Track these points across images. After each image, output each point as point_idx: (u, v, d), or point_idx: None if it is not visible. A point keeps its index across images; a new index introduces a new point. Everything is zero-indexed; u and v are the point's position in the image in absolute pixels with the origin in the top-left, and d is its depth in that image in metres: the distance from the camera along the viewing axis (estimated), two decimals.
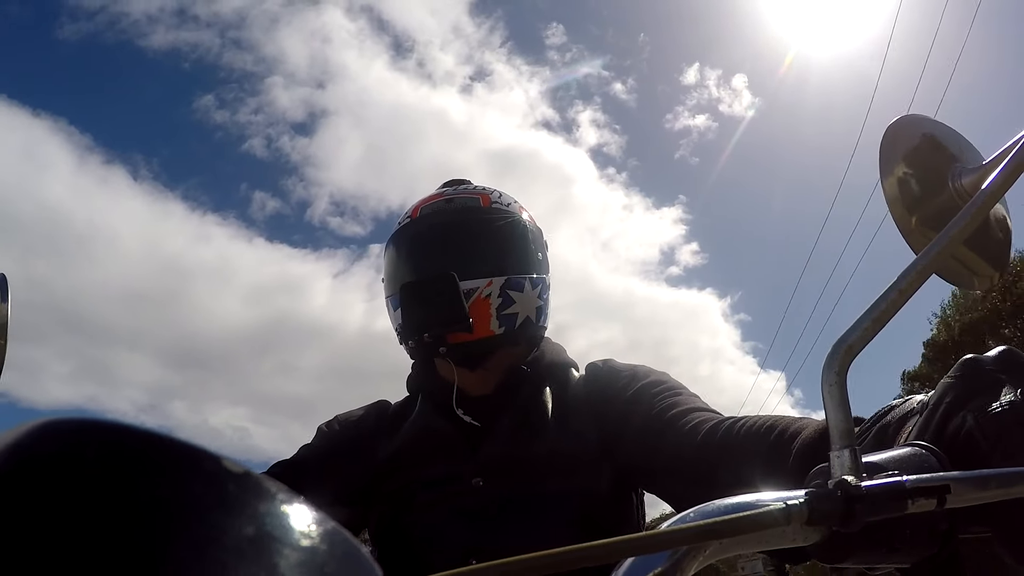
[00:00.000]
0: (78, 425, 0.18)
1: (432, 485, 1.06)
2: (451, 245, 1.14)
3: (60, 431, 0.18)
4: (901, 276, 0.44)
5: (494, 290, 1.10)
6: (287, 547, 0.17)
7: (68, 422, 0.18)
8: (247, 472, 0.18)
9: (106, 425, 0.18)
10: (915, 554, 0.43)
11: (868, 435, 0.54)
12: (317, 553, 0.17)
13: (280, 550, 0.17)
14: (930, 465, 0.44)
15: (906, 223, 0.55)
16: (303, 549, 0.17)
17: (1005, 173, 0.45)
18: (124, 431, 0.18)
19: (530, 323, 1.15)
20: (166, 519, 0.16)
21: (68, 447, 0.17)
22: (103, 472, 0.17)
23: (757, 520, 0.36)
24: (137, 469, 0.17)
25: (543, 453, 1.05)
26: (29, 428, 0.17)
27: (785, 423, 0.76)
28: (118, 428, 0.18)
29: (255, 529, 0.17)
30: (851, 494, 0.39)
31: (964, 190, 0.55)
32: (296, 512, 0.18)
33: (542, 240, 1.24)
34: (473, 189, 1.22)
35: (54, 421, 0.18)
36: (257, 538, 0.17)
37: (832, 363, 0.44)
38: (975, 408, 0.46)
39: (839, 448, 0.42)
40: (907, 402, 0.54)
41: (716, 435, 0.86)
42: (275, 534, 0.17)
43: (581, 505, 1.02)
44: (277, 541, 0.17)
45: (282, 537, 0.17)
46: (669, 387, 1.04)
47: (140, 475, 0.17)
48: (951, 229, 0.45)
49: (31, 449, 0.17)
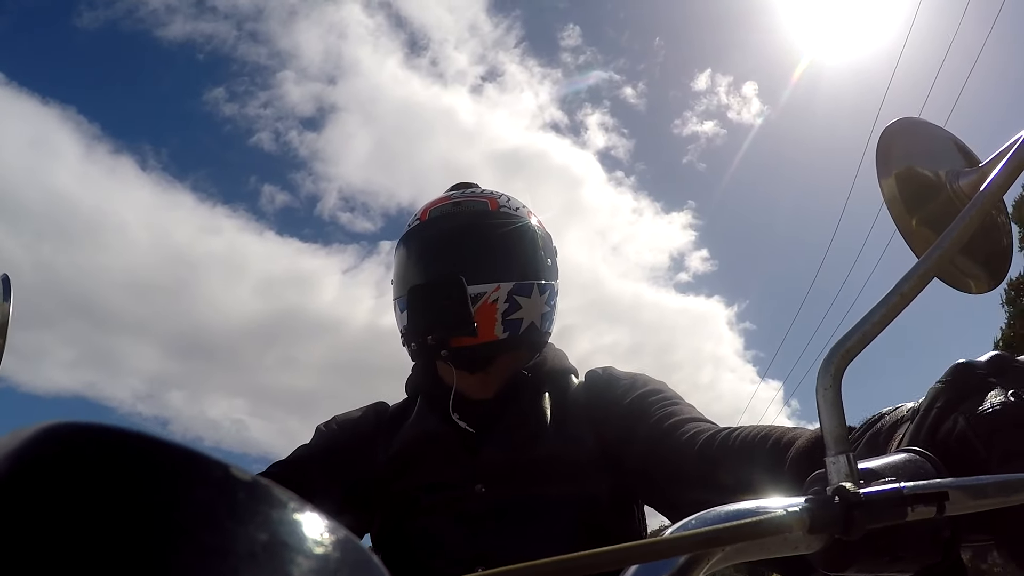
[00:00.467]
0: (82, 429, 0.17)
1: (433, 490, 1.06)
2: (459, 249, 1.14)
3: (63, 435, 0.17)
4: (903, 280, 0.44)
5: (501, 295, 1.10)
6: (300, 555, 0.16)
7: (71, 426, 0.17)
8: (256, 479, 0.18)
9: (110, 430, 0.18)
10: (918, 562, 0.42)
11: (859, 443, 0.53)
12: (330, 561, 0.17)
13: (293, 558, 0.16)
14: (925, 471, 0.44)
15: (906, 225, 0.55)
16: (316, 557, 0.17)
17: (1003, 174, 0.45)
18: (128, 436, 0.18)
19: (534, 329, 1.15)
20: (176, 526, 0.16)
21: (71, 452, 0.17)
22: (109, 478, 0.16)
23: (759, 527, 0.36)
24: (143, 475, 0.17)
25: (543, 459, 1.05)
26: (32, 432, 0.17)
27: (780, 432, 0.76)
28: (122, 433, 0.18)
29: (267, 537, 0.16)
30: (850, 501, 0.38)
31: (962, 192, 0.55)
32: (308, 520, 0.18)
33: (551, 245, 1.24)
34: (481, 193, 1.22)
35: (57, 425, 0.17)
36: (269, 546, 0.16)
37: (828, 367, 0.43)
38: (966, 410, 0.46)
39: (834, 454, 0.41)
40: (897, 409, 0.54)
41: (713, 445, 0.86)
42: (288, 541, 0.17)
43: (582, 511, 1.02)
44: (290, 549, 0.16)
45: (294, 545, 0.17)
46: (667, 397, 1.05)
47: (146, 481, 0.16)
48: (951, 232, 0.44)
49: (34, 454, 0.16)
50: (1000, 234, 0.58)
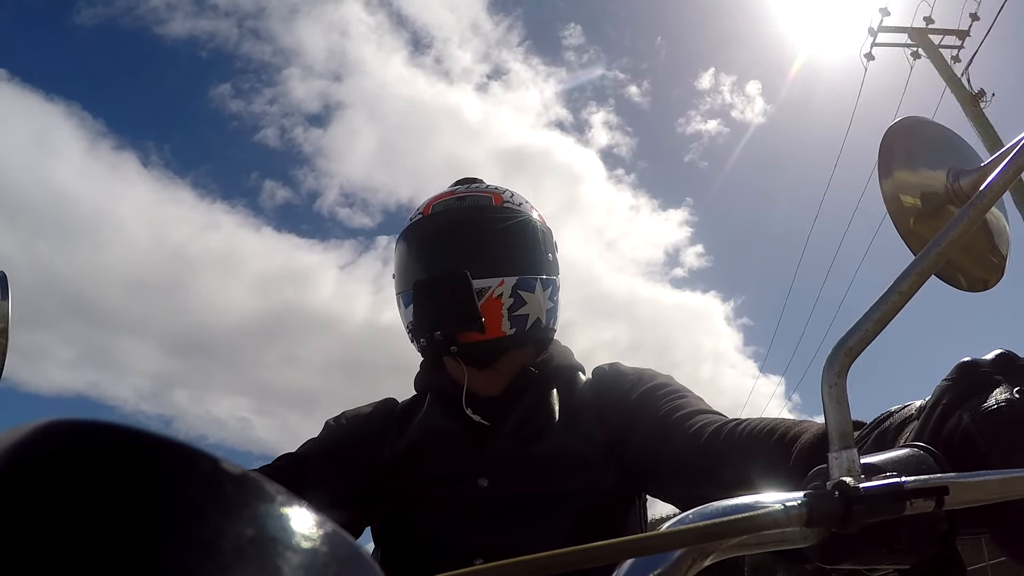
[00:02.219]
0: (76, 426, 0.18)
1: (437, 484, 1.06)
2: (463, 243, 1.14)
3: (58, 432, 0.17)
4: (900, 278, 0.44)
5: (505, 290, 1.10)
6: (289, 549, 0.17)
7: (65, 423, 0.18)
8: (245, 473, 0.18)
9: (103, 426, 0.18)
10: (915, 555, 0.43)
11: (867, 440, 0.54)
12: (319, 555, 0.17)
13: (282, 552, 0.16)
14: (928, 466, 0.44)
15: (905, 224, 0.55)
16: (305, 551, 0.17)
17: (1004, 175, 0.45)
18: (121, 432, 0.18)
19: (540, 325, 1.15)
20: (165, 520, 0.16)
21: (65, 448, 0.17)
22: (101, 473, 0.16)
23: (756, 521, 0.36)
24: (134, 470, 0.17)
25: (548, 454, 1.05)
26: (27, 429, 0.17)
27: (786, 425, 0.76)
28: (115, 429, 0.18)
29: (256, 531, 0.16)
30: (849, 495, 0.39)
31: (962, 191, 0.55)
32: (297, 514, 0.18)
33: (552, 241, 1.24)
34: (485, 188, 1.22)
35: (52, 422, 0.18)
36: (258, 540, 0.16)
37: (832, 364, 0.44)
38: (971, 407, 0.47)
39: (838, 449, 0.42)
40: (906, 407, 0.54)
41: (719, 437, 0.86)
42: (276, 536, 0.17)
43: (585, 506, 1.03)
44: (278, 543, 0.17)
45: (283, 539, 0.17)
46: (674, 390, 1.05)
47: (137, 476, 0.17)
48: (949, 230, 0.45)
49: (29, 450, 0.16)
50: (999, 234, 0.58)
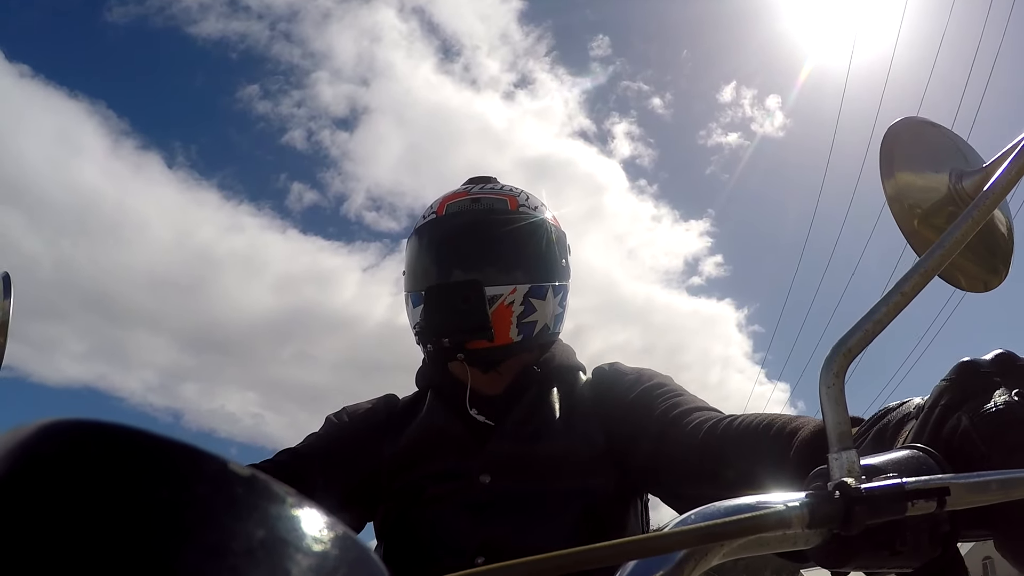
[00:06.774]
0: (80, 426, 0.17)
1: (439, 480, 1.06)
2: (477, 248, 1.13)
3: (62, 432, 0.17)
4: (904, 279, 0.44)
5: (517, 298, 1.10)
6: (298, 551, 0.16)
7: (69, 423, 0.17)
8: (254, 474, 0.18)
9: (108, 426, 0.18)
10: (917, 557, 0.43)
11: (866, 438, 0.54)
12: (328, 557, 0.17)
13: (291, 554, 0.16)
14: (928, 467, 0.44)
15: (908, 225, 0.55)
16: (314, 553, 0.17)
17: (1006, 175, 0.45)
18: (126, 432, 0.18)
19: (547, 331, 1.15)
20: (175, 523, 0.16)
21: (70, 448, 0.17)
22: (107, 475, 0.16)
23: (759, 522, 0.36)
24: (141, 472, 0.17)
25: (549, 453, 1.06)
26: (31, 429, 0.17)
27: (783, 420, 0.77)
28: (120, 429, 0.18)
29: (266, 533, 0.16)
30: (851, 496, 0.38)
31: (965, 192, 0.55)
32: (306, 516, 0.18)
33: (566, 244, 1.23)
34: (500, 189, 1.21)
35: (56, 422, 0.17)
36: (268, 542, 0.16)
37: (831, 365, 0.44)
38: (970, 409, 0.47)
39: (837, 450, 0.42)
40: (904, 405, 0.54)
41: (716, 432, 0.87)
42: (286, 538, 0.17)
43: (586, 505, 1.03)
44: (288, 545, 0.16)
45: (293, 541, 0.17)
46: (671, 389, 1.05)
47: (145, 478, 0.16)
48: (953, 232, 0.45)
49: (33, 450, 0.16)
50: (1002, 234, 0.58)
